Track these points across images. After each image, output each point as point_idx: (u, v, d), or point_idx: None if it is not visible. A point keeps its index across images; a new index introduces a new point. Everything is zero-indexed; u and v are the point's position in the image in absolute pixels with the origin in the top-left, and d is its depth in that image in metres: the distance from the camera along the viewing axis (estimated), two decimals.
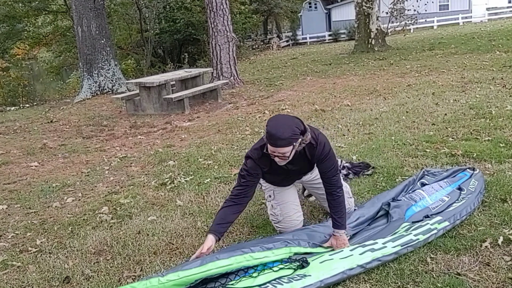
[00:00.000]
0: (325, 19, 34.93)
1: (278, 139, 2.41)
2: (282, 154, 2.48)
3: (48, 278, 2.70)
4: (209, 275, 2.23)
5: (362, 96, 7.36)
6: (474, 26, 23.05)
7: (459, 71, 8.65)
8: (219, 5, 10.07)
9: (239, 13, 22.15)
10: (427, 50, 13.52)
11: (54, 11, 22.81)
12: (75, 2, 11.35)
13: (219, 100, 8.74)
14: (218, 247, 2.83)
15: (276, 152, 2.47)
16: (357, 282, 2.36)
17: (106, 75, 11.62)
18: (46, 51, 27.85)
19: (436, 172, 3.48)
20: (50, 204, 3.98)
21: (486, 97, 6.10)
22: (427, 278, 2.33)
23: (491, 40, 13.68)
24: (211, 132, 6.20)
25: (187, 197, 3.78)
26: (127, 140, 6.38)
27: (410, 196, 3.11)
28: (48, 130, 7.60)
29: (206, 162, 4.69)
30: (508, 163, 3.70)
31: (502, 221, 2.79)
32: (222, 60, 10.38)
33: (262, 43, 27.58)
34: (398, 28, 18.84)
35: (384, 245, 2.51)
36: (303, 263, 2.41)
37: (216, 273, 2.25)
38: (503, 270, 2.33)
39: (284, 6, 30.75)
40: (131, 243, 3.03)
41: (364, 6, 14.95)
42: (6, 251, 3.14)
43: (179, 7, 20.85)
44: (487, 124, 4.82)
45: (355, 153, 4.39)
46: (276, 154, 2.48)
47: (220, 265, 2.25)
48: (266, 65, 16.05)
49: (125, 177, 4.59)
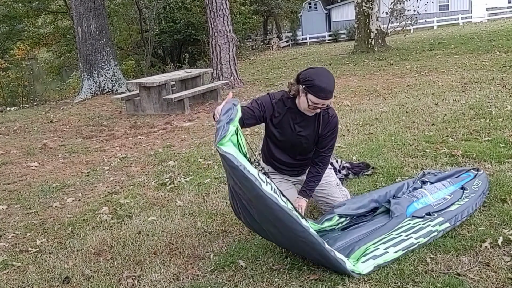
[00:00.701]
0: (325, 20, 34.95)
1: (329, 92, 2.56)
2: (326, 106, 2.62)
3: (48, 278, 2.70)
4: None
5: (362, 96, 7.36)
6: (474, 26, 23.06)
7: (459, 71, 8.65)
8: (219, 6, 10.08)
9: (239, 13, 22.17)
10: (427, 50, 13.52)
11: (54, 11, 22.84)
12: (75, 3, 11.35)
13: (219, 101, 8.74)
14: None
15: (320, 104, 2.58)
16: (357, 283, 2.36)
17: (106, 76, 11.62)
18: (46, 52, 27.88)
19: (437, 172, 3.47)
20: (50, 204, 3.98)
21: (486, 97, 6.10)
22: (427, 278, 2.33)
23: (491, 40, 13.68)
24: (211, 132, 6.20)
25: (187, 197, 3.78)
26: (127, 140, 6.39)
27: (411, 194, 3.11)
28: (48, 130, 7.60)
29: (206, 162, 4.70)
30: (508, 163, 3.70)
31: (502, 222, 2.79)
32: (222, 60, 10.38)
33: (262, 43, 27.59)
34: (398, 29, 18.84)
35: (386, 250, 2.51)
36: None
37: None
38: (503, 270, 2.33)
39: (284, 6, 30.79)
40: (131, 243, 3.03)
41: (364, 7, 14.95)
42: (6, 251, 3.14)
43: (179, 8, 20.87)
44: (487, 124, 4.82)
45: (355, 153, 4.39)
46: (319, 106, 2.59)
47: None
48: (266, 65, 16.06)
49: (125, 177, 4.59)
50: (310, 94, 2.55)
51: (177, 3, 20.65)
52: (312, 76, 2.55)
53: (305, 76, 2.57)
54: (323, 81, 2.54)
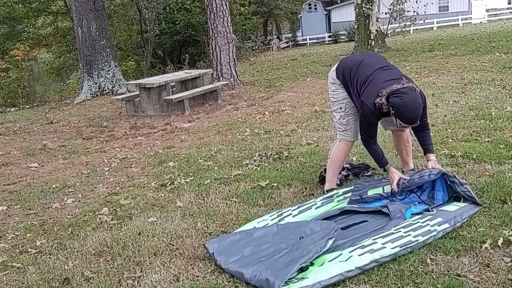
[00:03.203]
0: (325, 21, 34.98)
1: (416, 119, 2.90)
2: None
3: (48, 279, 2.70)
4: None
5: None
6: (474, 27, 23.06)
7: (459, 72, 8.65)
8: (219, 7, 10.08)
9: (239, 14, 22.18)
10: (426, 51, 13.52)
11: (54, 12, 22.85)
12: (75, 3, 11.36)
13: (219, 101, 8.74)
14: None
15: (404, 125, 2.96)
16: (357, 283, 2.36)
17: (106, 76, 11.62)
18: (46, 52, 27.88)
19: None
20: (50, 205, 3.98)
21: (486, 98, 6.10)
22: (427, 279, 2.33)
23: (491, 41, 13.68)
24: (211, 133, 6.20)
25: (187, 198, 3.78)
26: (127, 141, 6.39)
27: (405, 201, 3.16)
28: (48, 131, 7.60)
29: (206, 163, 4.70)
30: (508, 164, 3.70)
31: (502, 222, 2.79)
32: (222, 61, 10.39)
33: (262, 44, 27.61)
34: (397, 30, 18.86)
35: (383, 245, 2.52)
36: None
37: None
38: (503, 271, 2.33)
39: (284, 7, 30.78)
40: (131, 244, 3.03)
41: (364, 8, 14.96)
42: (6, 252, 3.14)
43: (179, 8, 20.88)
44: (487, 125, 4.82)
45: (355, 154, 4.39)
46: (408, 127, 3.04)
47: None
48: (266, 66, 16.06)
49: (125, 178, 4.59)
50: (398, 119, 2.90)
51: (177, 4, 20.66)
52: (401, 108, 2.84)
53: (393, 104, 2.86)
54: (410, 112, 2.85)
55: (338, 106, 3.38)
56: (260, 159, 4.60)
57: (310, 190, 3.67)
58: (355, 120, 3.32)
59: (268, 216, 3.12)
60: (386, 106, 2.90)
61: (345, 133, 3.39)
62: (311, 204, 3.22)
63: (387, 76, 3.05)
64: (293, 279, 2.34)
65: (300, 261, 2.39)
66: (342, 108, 3.34)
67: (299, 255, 2.46)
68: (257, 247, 2.67)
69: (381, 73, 3.08)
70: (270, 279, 2.31)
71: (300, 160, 4.45)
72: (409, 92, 2.87)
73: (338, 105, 3.37)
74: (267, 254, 2.58)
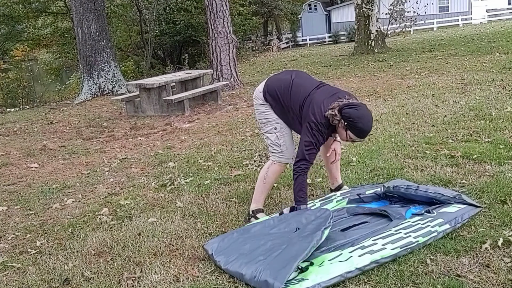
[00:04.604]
0: (325, 21, 35.01)
1: (368, 133, 2.87)
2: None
3: (48, 280, 2.70)
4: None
5: (362, 98, 7.35)
6: (474, 27, 23.07)
7: (459, 72, 8.65)
8: (219, 7, 10.08)
9: (239, 14, 22.19)
10: (427, 51, 13.53)
11: (54, 12, 22.86)
12: (75, 4, 11.36)
13: (219, 102, 8.74)
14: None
15: (357, 140, 2.91)
16: (357, 284, 2.36)
17: (106, 77, 11.63)
18: (46, 53, 27.90)
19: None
20: (50, 206, 3.98)
21: (486, 98, 6.10)
22: (427, 279, 2.33)
23: (491, 41, 13.69)
24: (211, 133, 6.20)
25: (187, 199, 3.78)
26: (127, 141, 6.39)
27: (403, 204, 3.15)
28: (48, 132, 7.60)
29: (206, 164, 4.70)
30: (508, 164, 3.70)
31: (502, 223, 2.79)
32: (222, 61, 10.39)
33: (262, 44, 27.64)
34: (397, 30, 18.87)
35: (384, 246, 2.52)
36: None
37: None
38: (503, 271, 2.33)
39: (284, 8, 30.82)
40: (131, 245, 3.03)
41: (364, 8, 14.97)
42: (6, 252, 3.14)
43: (179, 9, 20.90)
44: (487, 126, 4.82)
45: (355, 155, 4.39)
46: (356, 140, 2.91)
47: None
48: (266, 66, 16.07)
49: (125, 178, 4.59)
50: (350, 132, 2.81)
51: (177, 4, 20.67)
52: (356, 119, 2.77)
53: (349, 115, 2.77)
54: (365, 125, 2.81)
55: (272, 126, 3.19)
56: (260, 159, 4.60)
57: (309, 191, 3.67)
58: (290, 141, 3.21)
59: (268, 217, 3.12)
60: (338, 118, 2.79)
61: (281, 154, 3.19)
62: (310, 205, 3.22)
63: (326, 93, 2.96)
64: (293, 280, 2.34)
65: (298, 259, 2.39)
66: (277, 128, 3.17)
67: (296, 252, 2.45)
68: (255, 243, 2.67)
69: (318, 92, 2.97)
70: (269, 281, 2.31)
71: None
72: (361, 105, 2.83)
73: (273, 125, 3.19)
74: (265, 250, 2.57)
